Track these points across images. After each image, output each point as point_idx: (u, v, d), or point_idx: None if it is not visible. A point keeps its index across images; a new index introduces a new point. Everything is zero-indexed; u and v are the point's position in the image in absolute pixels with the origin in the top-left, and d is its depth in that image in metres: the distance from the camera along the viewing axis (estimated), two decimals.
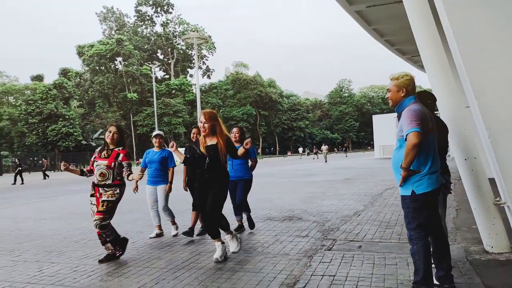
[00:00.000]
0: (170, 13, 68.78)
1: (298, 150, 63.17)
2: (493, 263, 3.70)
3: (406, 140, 2.77)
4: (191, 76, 70.13)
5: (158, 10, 67.93)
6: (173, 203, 5.91)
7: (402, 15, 4.56)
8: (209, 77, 73.69)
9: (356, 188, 10.78)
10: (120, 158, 4.44)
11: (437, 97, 3.94)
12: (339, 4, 10.31)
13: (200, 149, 4.21)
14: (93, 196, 4.43)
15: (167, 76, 68.96)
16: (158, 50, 69.33)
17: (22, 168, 22.85)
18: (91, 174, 4.56)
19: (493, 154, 3.65)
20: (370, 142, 73.04)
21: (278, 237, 5.23)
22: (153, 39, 67.90)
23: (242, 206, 5.42)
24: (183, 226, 6.01)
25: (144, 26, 68.98)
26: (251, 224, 5.67)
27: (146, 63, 56.74)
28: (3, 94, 56.63)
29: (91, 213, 4.43)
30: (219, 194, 4.20)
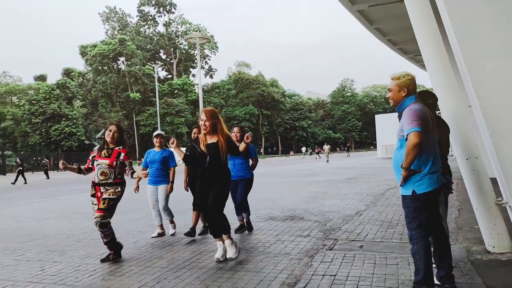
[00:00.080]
0: (173, 13, 68.96)
1: (301, 150, 63.11)
2: (494, 263, 3.69)
3: (407, 140, 2.76)
4: (194, 76, 70.35)
5: (161, 10, 68.09)
6: (174, 203, 5.93)
7: (404, 14, 4.55)
8: (211, 76, 73.85)
9: (358, 187, 10.77)
10: (121, 157, 4.46)
11: (438, 96, 3.93)
12: (341, 3, 10.30)
13: (200, 147, 4.17)
14: (94, 196, 4.44)
15: (170, 76, 69.10)
16: (161, 50, 69.48)
17: (23, 168, 22.93)
18: (88, 172, 4.57)
19: (494, 154, 3.64)
20: (373, 142, 72.91)
21: (279, 236, 5.24)
22: (155, 39, 68.05)
23: (243, 206, 5.42)
24: (185, 226, 6.03)
25: (146, 26, 69.14)
26: (249, 227, 5.63)
27: (148, 63, 56.92)
28: (7, 94, 56.95)
29: (93, 212, 4.44)
30: (221, 193, 4.18)
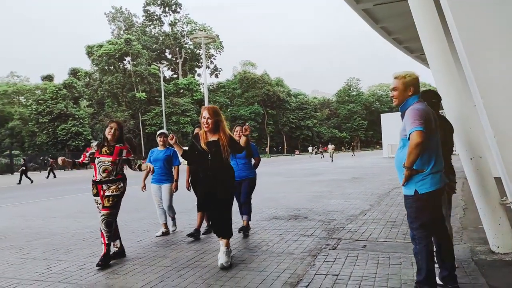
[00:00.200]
0: (178, 12, 69.06)
1: (308, 149, 62.93)
2: (498, 264, 3.67)
3: (409, 139, 2.76)
4: (199, 75, 70.36)
5: (166, 9, 68.24)
6: (178, 202, 5.97)
7: (409, 12, 4.52)
8: (217, 76, 73.85)
9: (363, 187, 10.74)
10: (124, 154, 4.48)
11: (442, 95, 3.92)
12: (346, 2, 10.26)
13: (201, 144, 4.07)
14: (97, 195, 4.42)
15: (175, 75, 69.26)
16: (166, 50, 69.66)
17: (26, 168, 23.16)
18: (82, 167, 4.53)
19: (499, 153, 3.62)
20: (378, 141, 72.58)
21: (283, 236, 5.24)
22: (161, 39, 68.23)
23: (246, 206, 5.42)
24: (190, 225, 6.07)
25: (152, 26, 69.35)
26: (246, 230, 5.41)
27: (154, 63, 57.12)
28: (14, 94, 57.50)
29: (98, 211, 4.45)
30: (227, 193, 4.11)
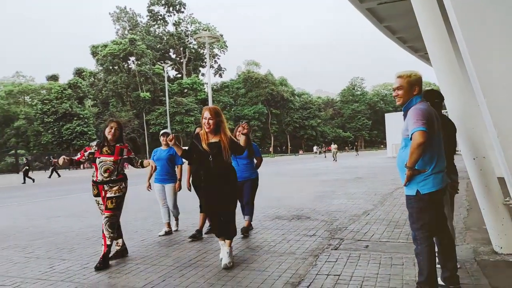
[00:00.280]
0: (182, 12, 69.16)
1: (313, 149, 62.83)
2: (501, 264, 3.65)
3: (412, 139, 2.75)
4: (203, 75, 70.41)
5: (170, 9, 68.38)
6: (180, 203, 5.96)
7: (414, 11, 4.51)
8: (220, 76, 73.91)
9: (366, 187, 10.71)
10: (125, 153, 4.49)
11: (445, 94, 3.91)
12: (350, 2, 10.23)
13: (202, 145, 4.05)
14: (98, 195, 4.41)
15: (179, 75, 69.37)
16: (170, 50, 69.79)
17: (29, 167, 23.33)
18: (78, 165, 4.58)
19: (502, 153, 3.59)
20: (383, 141, 72.23)
21: (285, 236, 5.24)
22: (165, 39, 68.37)
23: (249, 207, 5.41)
24: (193, 225, 6.09)
25: (156, 26, 69.49)
26: (246, 231, 5.38)
27: (158, 63, 57.19)
28: (20, 93, 57.83)
29: (100, 212, 4.47)
30: (231, 196, 4.12)
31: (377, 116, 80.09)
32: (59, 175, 26.34)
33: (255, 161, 5.50)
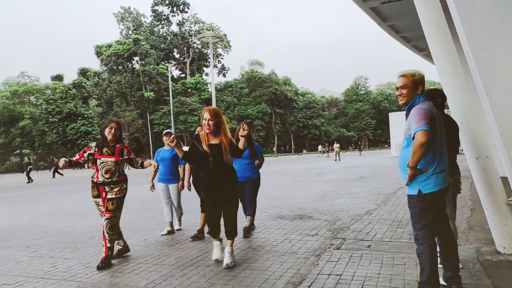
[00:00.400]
0: (186, 12, 69.26)
1: (317, 148, 62.70)
2: (504, 264, 3.63)
3: (414, 138, 2.73)
4: (207, 74, 70.50)
5: (174, 9, 68.51)
6: (182, 203, 5.97)
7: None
8: (224, 75, 73.93)
9: (369, 186, 10.67)
10: (125, 153, 4.48)
11: (448, 94, 3.88)
12: (353, 1, 10.19)
13: (202, 146, 4.03)
14: (98, 197, 4.40)
15: (183, 75, 69.49)
16: (174, 49, 69.92)
17: (31, 167, 23.52)
18: (77, 166, 4.51)
19: (505, 153, 3.57)
20: (387, 140, 71.94)
21: (287, 235, 5.24)
22: (169, 39, 68.51)
23: (251, 207, 5.40)
24: (195, 224, 6.10)
25: (160, 26, 69.65)
26: (247, 231, 5.37)
27: (162, 62, 57.36)
28: (25, 93, 58.16)
29: (100, 213, 4.46)
30: (232, 197, 4.12)
31: (381, 115, 79.77)
32: (62, 175, 26.48)
33: (257, 161, 5.50)
